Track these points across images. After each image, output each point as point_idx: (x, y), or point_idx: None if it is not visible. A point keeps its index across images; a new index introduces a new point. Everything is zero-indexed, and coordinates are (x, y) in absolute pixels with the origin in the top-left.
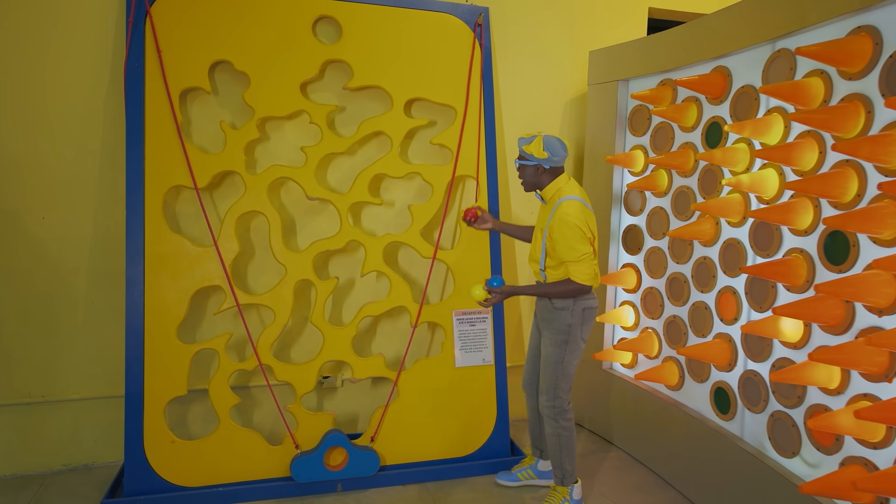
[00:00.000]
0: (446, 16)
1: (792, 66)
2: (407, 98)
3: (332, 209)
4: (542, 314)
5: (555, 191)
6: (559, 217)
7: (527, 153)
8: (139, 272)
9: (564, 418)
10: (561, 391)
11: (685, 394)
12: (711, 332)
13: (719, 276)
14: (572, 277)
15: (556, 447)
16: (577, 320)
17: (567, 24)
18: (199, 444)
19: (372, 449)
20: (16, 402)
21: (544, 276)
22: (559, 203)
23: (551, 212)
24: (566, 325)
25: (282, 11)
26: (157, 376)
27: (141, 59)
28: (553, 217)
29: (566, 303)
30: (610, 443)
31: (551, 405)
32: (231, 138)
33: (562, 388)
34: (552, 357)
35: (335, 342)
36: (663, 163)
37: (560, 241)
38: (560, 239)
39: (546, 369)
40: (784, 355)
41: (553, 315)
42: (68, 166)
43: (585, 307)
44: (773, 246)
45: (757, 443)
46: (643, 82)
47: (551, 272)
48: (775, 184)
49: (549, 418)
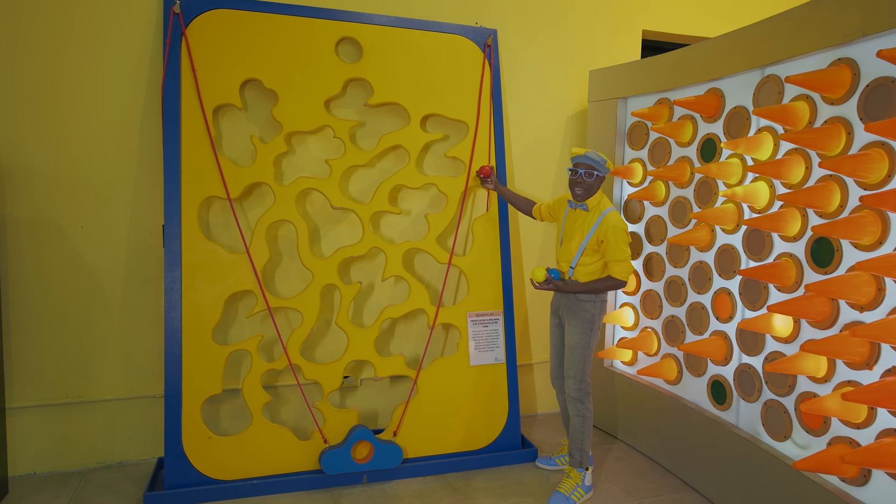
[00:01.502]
0: (458, 37)
1: (780, 91)
2: (423, 114)
3: (354, 218)
4: (568, 306)
5: (598, 200)
6: (614, 224)
7: (600, 164)
8: (176, 278)
9: (589, 400)
10: (587, 375)
11: (683, 387)
12: (708, 330)
13: (715, 279)
14: (614, 274)
15: (579, 429)
16: (598, 310)
17: (568, 45)
18: (233, 440)
19: (395, 443)
20: (54, 403)
21: (571, 274)
22: (607, 212)
23: (597, 220)
24: (590, 314)
25: (307, 33)
26: (194, 376)
27: (177, 78)
28: (603, 224)
29: (589, 295)
30: (612, 436)
31: (579, 388)
32: (261, 151)
33: (587, 371)
34: (579, 344)
35: (358, 343)
36: (661, 175)
37: (613, 243)
38: (613, 241)
39: (574, 356)
40: (776, 349)
41: (578, 306)
42: (107, 178)
43: (603, 299)
44: (765, 251)
45: (751, 429)
46: (641, 100)
47: (581, 269)
48: (766, 195)
49: (577, 401)
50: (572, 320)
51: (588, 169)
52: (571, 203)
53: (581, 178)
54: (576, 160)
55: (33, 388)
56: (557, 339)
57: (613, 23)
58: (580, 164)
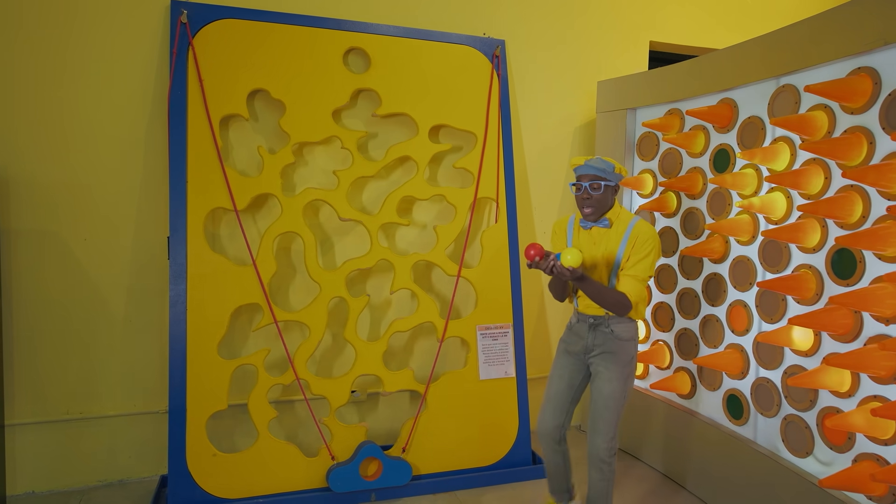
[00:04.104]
0: (467, 48)
1: (797, 100)
2: (431, 124)
3: (362, 229)
4: (603, 346)
5: (619, 211)
6: (648, 234)
7: (608, 172)
8: (182, 291)
9: (615, 460)
10: (617, 429)
11: (698, 401)
12: (723, 343)
13: (729, 291)
14: (628, 292)
15: (603, 495)
16: (636, 351)
17: (576, 57)
18: (239, 457)
19: (404, 459)
20: (55, 419)
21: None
22: (635, 222)
23: (626, 232)
24: (630, 356)
25: (314, 43)
26: (200, 391)
27: (184, 88)
28: (634, 233)
29: (631, 332)
30: (622, 450)
31: (609, 447)
32: (268, 162)
33: (618, 426)
34: (616, 393)
35: (367, 357)
36: (673, 186)
37: (642, 254)
38: (643, 253)
39: (609, 408)
40: (795, 362)
41: (618, 346)
42: (111, 190)
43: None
44: (783, 262)
45: (770, 445)
46: (651, 111)
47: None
48: (783, 206)
49: (605, 463)
50: (611, 364)
51: (593, 180)
52: (585, 223)
53: (587, 192)
54: (578, 172)
55: (33, 403)
56: (568, 381)
57: (621, 34)
58: (583, 176)
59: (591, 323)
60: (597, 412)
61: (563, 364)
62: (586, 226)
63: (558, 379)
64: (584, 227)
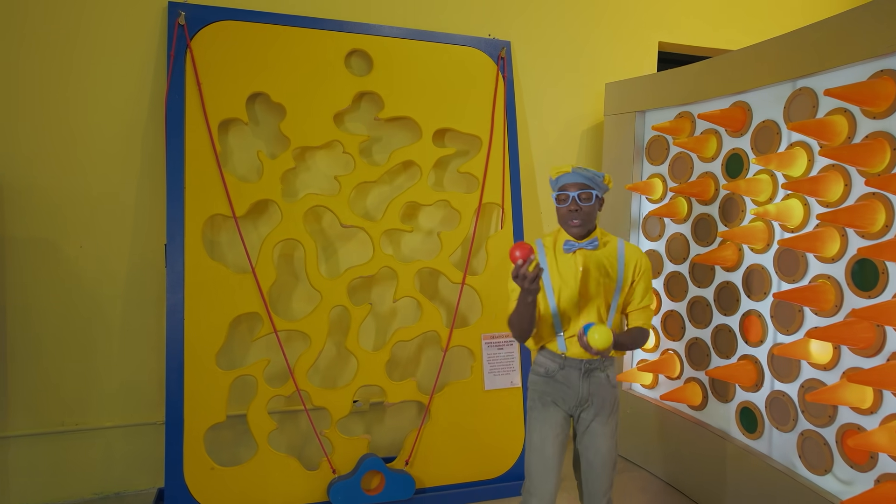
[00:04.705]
0: (471, 49)
1: (814, 104)
2: (435, 128)
3: (364, 236)
4: (599, 395)
5: (601, 231)
6: (645, 259)
7: (598, 181)
8: (179, 300)
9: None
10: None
11: (709, 413)
12: (736, 354)
13: (743, 300)
14: (646, 326)
15: None
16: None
17: (582, 58)
18: (237, 471)
19: (407, 472)
20: (49, 431)
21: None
22: (625, 245)
23: (619, 256)
24: (617, 398)
25: (315, 45)
26: (197, 403)
27: (181, 91)
28: (632, 259)
29: (615, 370)
30: (631, 462)
31: (609, 500)
32: (267, 167)
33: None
34: (615, 448)
35: (369, 367)
36: (684, 191)
37: (646, 284)
38: (647, 282)
39: (609, 466)
40: (813, 376)
41: (612, 394)
42: (107, 196)
43: None
44: (799, 272)
45: (787, 461)
46: (660, 114)
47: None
48: (800, 213)
49: None
50: (607, 417)
51: (583, 189)
52: (571, 244)
53: (575, 203)
54: (563, 181)
55: (28, 415)
56: (562, 440)
57: (629, 34)
58: (569, 186)
59: (584, 369)
60: (595, 475)
61: (554, 421)
62: (570, 248)
63: (553, 439)
64: (568, 249)
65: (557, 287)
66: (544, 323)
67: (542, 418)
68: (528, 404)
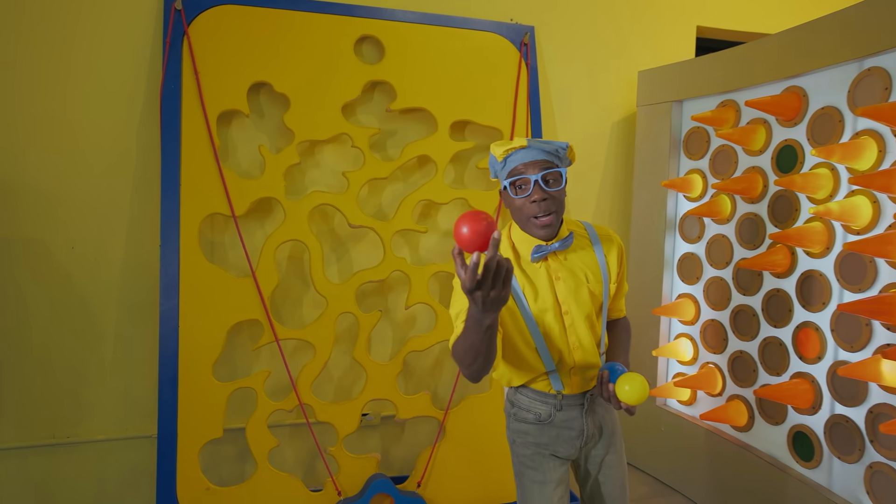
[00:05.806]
0: (492, 35)
1: (887, 86)
2: (452, 120)
3: (374, 237)
4: (608, 422)
5: (565, 217)
6: (617, 239)
7: (562, 154)
8: (173, 306)
9: None
10: None
11: (756, 436)
12: (788, 371)
13: (796, 310)
14: (625, 313)
15: None
16: None
17: (613, 44)
18: (235, 491)
19: (419, 495)
20: (39, 444)
21: (602, 351)
22: (594, 229)
23: (595, 245)
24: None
25: (322, 31)
26: (192, 417)
27: (177, 82)
28: (609, 246)
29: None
30: (666, 485)
31: None
32: (270, 163)
33: None
34: (627, 472)
35: (379, 379)
36: (727, 188)
37: (624, 272)
38: (625, 270)
39: (626, 489)
40: (884, 401)
41: (617, 422)
42: (99, 194)
43: None
44: (867, 280)
45: (851, 496)
46: (700, 103)
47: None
48: (868, 212)
49: None
50: (614, 442)
51: (548, 169)
52: (541, 249)
53: (540, 190)
54: (517, 160)
55: (16, 427)
56: (564, 489)
57: (664, 18)
58: (528, 166)
59: (585, 405)
60: None
61: (556, 477)
62: (541, 254)
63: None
64: (539, 257)
65: (536, 305)
66: (521, 356)
67: (543, 479)
68: (517, 464)
